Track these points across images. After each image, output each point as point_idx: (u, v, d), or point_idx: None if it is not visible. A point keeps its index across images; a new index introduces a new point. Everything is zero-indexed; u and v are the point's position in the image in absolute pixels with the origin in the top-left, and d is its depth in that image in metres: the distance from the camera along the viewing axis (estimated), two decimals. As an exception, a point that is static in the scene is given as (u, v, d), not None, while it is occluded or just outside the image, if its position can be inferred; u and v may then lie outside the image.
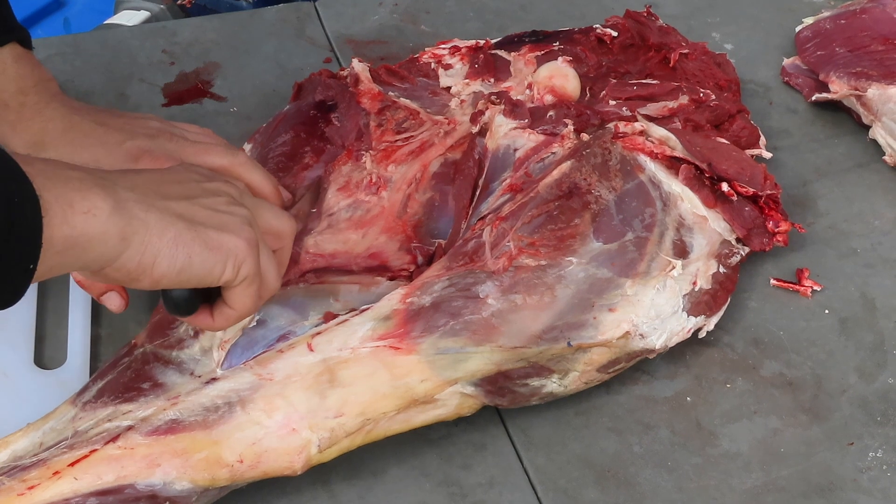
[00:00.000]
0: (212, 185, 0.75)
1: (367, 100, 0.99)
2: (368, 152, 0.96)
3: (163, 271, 0.69)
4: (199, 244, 0.70)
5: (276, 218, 0.78)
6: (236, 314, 0.75)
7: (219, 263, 0.71)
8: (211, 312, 0.76)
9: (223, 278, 0.72)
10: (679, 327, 0.88)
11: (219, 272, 0.71)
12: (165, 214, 0.69)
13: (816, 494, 0.84)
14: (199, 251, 0.70)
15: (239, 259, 0.72)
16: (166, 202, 0.70)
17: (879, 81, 1.06)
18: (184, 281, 0.71)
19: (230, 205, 0.74)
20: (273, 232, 0.78)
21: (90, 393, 0.79)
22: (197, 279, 0.71)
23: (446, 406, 0.83)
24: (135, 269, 0.68)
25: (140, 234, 0.68)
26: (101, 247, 0.66)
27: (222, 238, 0.71)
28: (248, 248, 0.73)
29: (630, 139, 0.92)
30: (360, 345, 0.81)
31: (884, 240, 1.02)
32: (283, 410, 0.78)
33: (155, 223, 0.68)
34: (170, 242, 0.69)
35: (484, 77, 1.05)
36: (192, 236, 0.70)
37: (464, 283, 0.84)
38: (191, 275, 0.70)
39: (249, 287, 0.74)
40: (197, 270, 0.70)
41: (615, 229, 0.87)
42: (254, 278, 0.74)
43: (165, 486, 0.75)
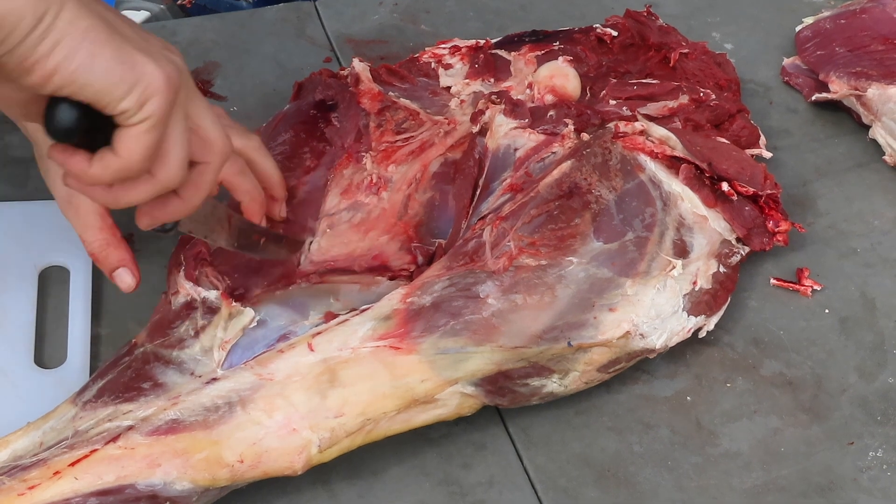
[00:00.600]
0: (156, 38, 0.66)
1: (368, 100, 0.99)
2: (368, 153, 0.96)
3: (57, 62, 0.59)
4: (109, 49, 0.60)
5: (213, 124, 0.67)
6: (119, 163, 0.63)
7: (124, 83, 0.61)
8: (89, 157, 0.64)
9: (123, 104, 0.61)
10: (679, 327, 0.88)
11: (120, 94, 0.61)
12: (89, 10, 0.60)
13: (816, 494, 0.84)
14: (107, 56, 0.60)
15: (150, 89, 0.61)
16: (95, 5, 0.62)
17: (879, 81, 1.06)
18: (77, 87, 0.60)
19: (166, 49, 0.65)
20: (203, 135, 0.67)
21: (90, 392, 0.79)
22: (93, 91, 0.60)
23: (447, 406, 0.83)
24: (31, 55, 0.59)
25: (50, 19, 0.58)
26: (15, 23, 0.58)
27: (139, 57, 0.61)
28: (166, 83, 0.62)
29: (630, 139, 0.92)
30: (361, 345, 0.81)
31: (884, 239, 1.02)
32: (284, 410, 0.78)
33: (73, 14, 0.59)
34: (78, 32, 0.59)
35: (484, 77, 1.05)
36: (107, 38, 0.60)
37: (464, 282, 0.84)
38: (87, 81, 0.60)
39: (148, 133, 0.62)
40: (97, 78, 0.60)
41: (615, 229, 0.87)
42: (157, 125, 0.62)
43: (166, 486, 0.75)
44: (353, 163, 0.96)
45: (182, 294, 0.84)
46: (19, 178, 1.02)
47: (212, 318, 0.82)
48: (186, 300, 0.84)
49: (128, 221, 0.99)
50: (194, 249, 0.86)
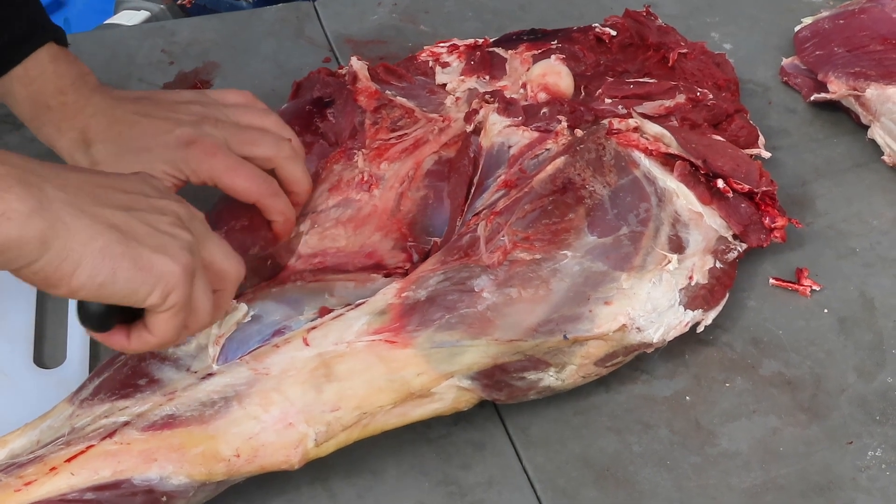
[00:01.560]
0: (160, 203, 0.71)
1: (364, 98, 0.99)
2: (361, 151, 0.96)
3: (82, 282, 0.65)
4: (127, 260, 0.66)
5: (224, 257, 0.73)
6: (155, 341, 0.71)
7: (146, 285, 0.67)
8: (128, 333, 0.71)
9: (148, 301, 0.68)
10: (676, 321, 0.88)
11: (144, 294, 0.67)
12: (96, 222, 0.65)
13: (815, 493, 0.84)
14: (126, 268, 0.66)
15: (169, 285, 0.67)
16: (101, 209, 0.66)
17: (878, 81, 1.06)
18: (104, 296, 0.66)
19: (174, 226, 0.70)
20: (217, 270, 0.73)
21: (87, 391, 0.79)
22: (119, 297, 0.67)
23: (443, 400, 0.83)
24: (53, 274, 0.64)
25: (62, 239, 0.64)
26: (17, 250, 0.63)
27: (155, 259, 0.67)
28: (182, 274, 0.68)
29: (624, 136, 0.92)
30: (356, 339, 0.81)
31: (882, 239, 1.02)
32: (280, 405, 0.78)
33: (82, 229, 0.64)
34: (95, 253, 0.65)
35: (479, 74, 1.05)
36: (122, 251, 0.66)
37: (459, 276, 0.84)
38: (113, 291, 0.66)
39: (175, 317, 0.69)
40: (120, 288, 0.66)
41: (610, 223, 0.87)
42: (181, 308, 0.69)
43: (162, 480, 0.75)
44: (345, 159, 0.96)
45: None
46: (18, 178, 1.02)
47: (206, 314, 0.82)
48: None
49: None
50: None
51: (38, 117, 0.92)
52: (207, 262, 0.72)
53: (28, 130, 1.06)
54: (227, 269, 0.74)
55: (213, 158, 0.86)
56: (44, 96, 0.91)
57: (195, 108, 0.90)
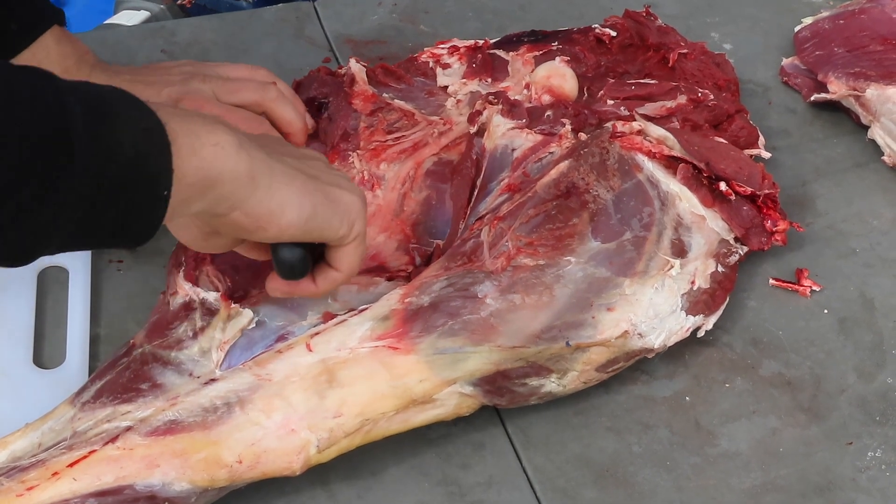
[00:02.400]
0: (307, 151, 0.76)
1: (360, 101, 0.99)
2: (356, 152, 0.96)
3: (291, 220, 0.68)
4: (321, 196, 0.70)
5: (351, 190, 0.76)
6: (342, 276, 0.75)
7: (336, 217, 0.71)
8: (313, 278, 0.76)
9: (341, 232, 0.72)
10: (678, 326, 0.88)
11: (337, 226, 0.71)
12: (286, 166, 0.69)
13: (815, 494, 0.84)
14: (322, 202, 0.70)
15: (353, 215, 0.72)
16: (283, 159, 0.70)
17: (878, 82, 1.06)
18: (309, 232, 0.70)
19: (329, 167, 0.74)
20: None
21: (89, 393, 0.79)
22: (319, 231, 0.71)
23: (445, 406, 0.83)
24: (265, 214, 0.67)
25: (267, 178, 0.67)
26: (231, 184, 0.65)
27: (338, 193, 0.71)
28: (361, 205, 0.73)
29: (628, 138, 0.92)
30: (359, 345, 0.81)
31: (882, 240, 1.02)
32: (282, 411, 0.78)
33: (280, 171, 0.68)
34: (297, 191, 0.68)
35: (481, 77, 1.05)
36: (315, 187, 0.70)
37: (462, 282, 0.84)
38: (314, 226, 0.70)
39: (359, 246, 0.74)
40: (320, 222, 0.70)
41: (613, 229, 0.87)
42: (363, 237, 0.74)
43: (164, 486, 0.75)
44: (339, 160, 0.96)
45: (181, 295, 0.84)
46: (18, 179, 1.02)
47: (210, 320, 0.82)
48: (185, 301, 0.84)
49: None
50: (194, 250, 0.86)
51: None
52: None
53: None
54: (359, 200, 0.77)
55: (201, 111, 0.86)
56: None
57: (185, 69, 0.93)
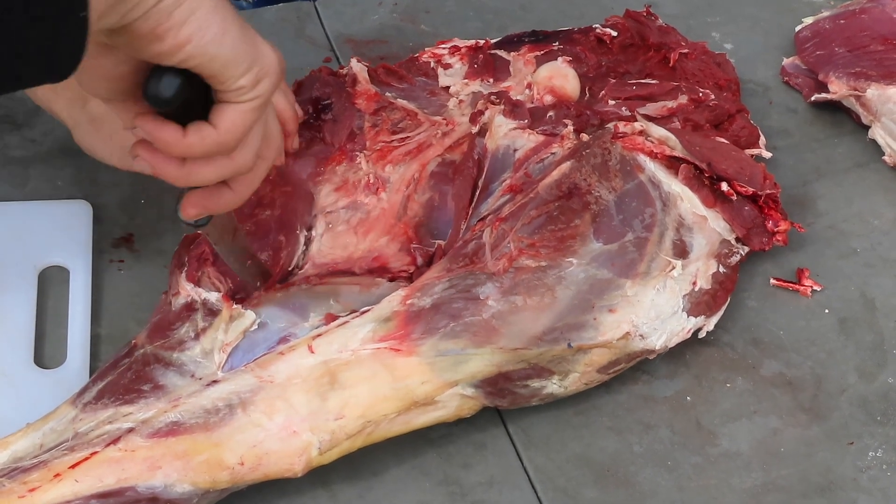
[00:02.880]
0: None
1: (363, 101, 0.99)
2: (363, 153, 0.96)
3: (190, 33, 0.61)
4: (237, 27, 0.62)
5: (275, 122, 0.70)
6: (216, 137, 0.65)
7: (245, 60, 0.63)
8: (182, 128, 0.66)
9: (239, 81, 0.63)
10: (679, 327, 0.88)
11: (241, 70, 0.63)
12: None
13: (816, 494, 0.84)
14: (234, 33, 0.62)
15: (263, 70, 0.64)
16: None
17: (879, 82, 1.06)
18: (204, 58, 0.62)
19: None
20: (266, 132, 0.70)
21: (90, 394, 0.79)
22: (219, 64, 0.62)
23: (446, 408, 0.83)
24: (164, 21, 0.60)
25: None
26: None
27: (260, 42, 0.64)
28: (278, 66, 0.65)
29: (630, 139, 0.92)
30: (361, 347, 0.81)
31: (883, 239, 1.02)
32: (284, 412, 0.78)
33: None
34: (210, 10, 0.61)
35: (483, 77, 1.05)
36: (233, 16, 0.62)
37: (464, 284, 0.84)
38: (215, 54, 0.62)
39: (253, 112, 0.65)
40: (225, 52, 0.62)
41: (615, 230, 0.87)
42: (262, 105, 0.65)
43: (166, 488, 0.75)
44: (347, 161, 0.96)
45: (183, 295, 0.84)
46: (19, 178, 1.02)
47: (212, 321, 0.82)
48: (187, 301, 0.84)
49: (126, 222, 1.00)
50: (198, 250, 0.86)
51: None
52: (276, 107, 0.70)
53: (28, 130, 1.07)
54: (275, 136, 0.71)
55: None
56: None
57: None
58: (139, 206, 1.01)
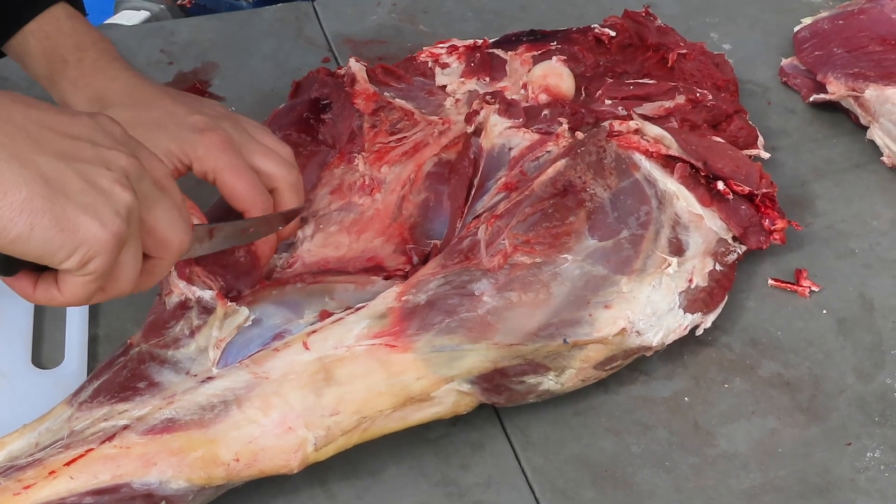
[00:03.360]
0: (108, 154, 0.64)
1: (362, 101, 0.99)
2: (360, 154, 0.96)
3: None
4: (49, 218, 0.60)
5: (170, 225, 0.67)
6: (62, 300, 0.65)
7: (65, 248, 0.61)
8: (35, 282, 0.66)
9: (65, 265, 0.62)
10: (676, 324, 0.88)
11: (62, 257, 0.62)
12: (26, 170, 0.60)
13: (814, 494, 0.84)
14: (45, 226, 0.60)
15: (91, 251, 0.62)
16: (36, 156, 0.61)
17: (877, 82, 1.06)
18: (17, 252, 0.61)
19: (115, 184, 0.63)
20: (159, 237, 0.67)
21: (86, 393, 0.79)
22: (33, 255, 0.61)
23: (443, 404, 0.83)
24: None
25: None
26: None
27: (82, 220, 0.62)
28: (110, 242, 0.63)
29: (625, 138, 0.92)
30: (356, 343, 0.81)
31: (882, 240, 1.02)
32: (280, 409, 0.78)
33: (7, 177, 0.60)
34: (13, 204, 0.59)
35: (479, 76, 1.05)
36: (45, 207, 0.60)
37: (459, 280, 0.84)
38: (26, 248, 0.61)
39: (90, 283, 0.64)
40: (35, 246, 0.61)
41: (610, 227, 0.87)
42: (100, 276, 0.64)
43: (161, 484, 0.75)
44: (345, 163, 0.96)
45: (176, 294, 0.84)
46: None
47: (207, 318, 0.82)
48: (180, 300, 0.84)
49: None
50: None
51: (54, 73, 0.92)
52: (149, 228, 0.67)
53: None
54: (169, 239, 0.68)
55: (222, 153, 0.83)
56: (61, 51, 0.91)
57: (218, 108, 0.89)
58: (137, 206, 1.01)
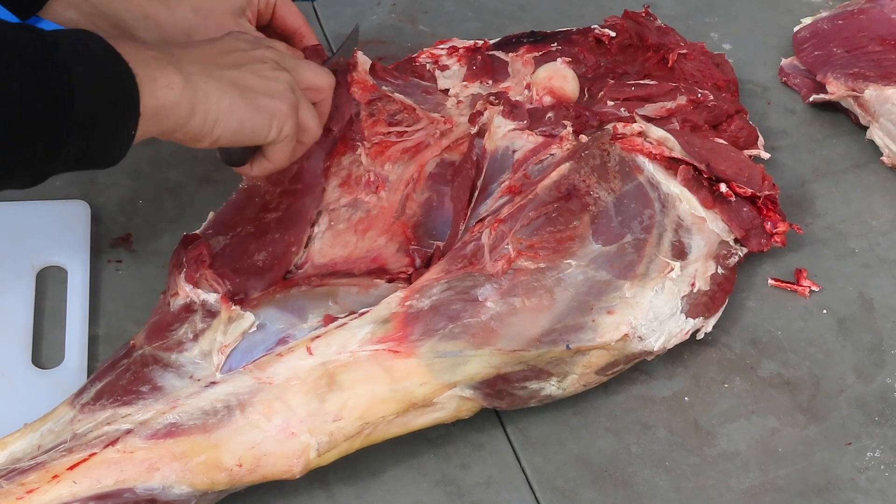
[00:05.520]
0: (258, 52, 0.86)
1: (359, 90, 0.99)
2: (363, 143, 0.96)
3: (220, 132, 0.81)
4: (250, 110, 0.82)
5: (315, 75, 0.89)
6: (273, 166, 0.87)
7: (265, 126, 0.83)
8: (251, 162, 0.88)
9: (269, 138, 0.84)
10: (677, 329, 0.88)
11: (265, 133, 0.83)
12: (222, 83, 0.81)
13: (814, 494, 0.84)
14: (249, 116, 0.82)
15: (281, 120, 0.83)
16: (222, 72, 0.81)
17: (877, 82, 1.06)
18: (238, 141, 0.83)
19: (274, 70, 0.85)
20: (313, 87, 0.89)
21: (88, 395, 0.79)
22: (247, 139, 0.83)
23: (445, 409, 0.83)
24: (199, 132, 0.80)
25: (203, 103, 0.79)
26: (176, 114, 0.78)
27: (268, 103, 0.83)
28: (290, 110, 0.84)
29: (628, 140, 0.92)
30: (360, 348, 0.81)
31: (881, 240, 1.02)
32: (283, 414, 0.78)
33: (214, 92, 0.80)
34: (226, 109, 0.80)
35: (482, 79, 1.05)
36: (245, 103, 0.81)
37: (462, 285, 0.84)
38: (242, 136, 0.82)
39: (288, 144, 0.85)
40: (248, 132, 0.82)
41: (614, 231, 0.87)
42: (292, 137, 0.85)
43: (164, 490, 0.75)
44: (350, 151, 0.96)
45: (181, 296, 0.84)
46: (17, 179, 1.02)
47: (211, 322, 0.82)
48: (185, 303, 0.84)
49: (125, 222, 0.99)
50: (196, 251, 0.86)
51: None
52: (306, 86, 0.88)
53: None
54: (321, 84, 0.89)
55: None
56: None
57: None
58: (137, 206, 1.01)
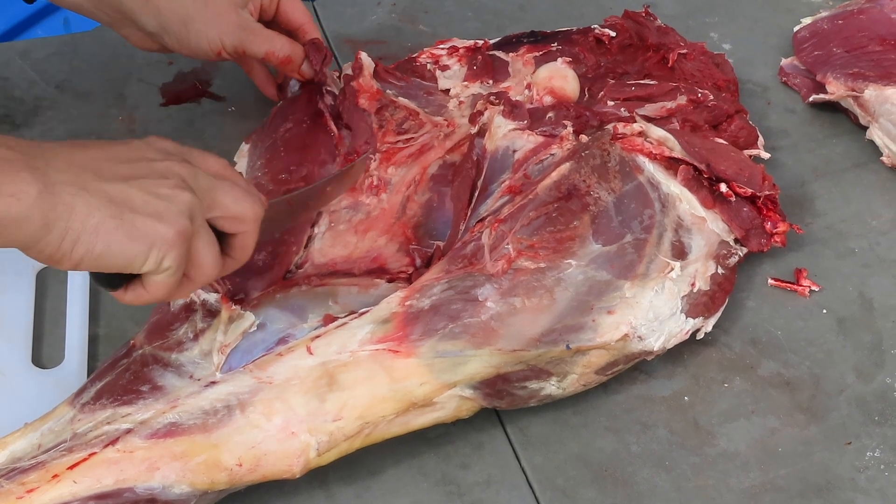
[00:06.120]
0: (162, 165, 0.74)
1: (366, 99, 0.99)
2: (376, 154, 0.96)
3: (81, 255, 0.69)
4: (121, 233, 0.70)
5: (235, 202, 0.76)
6: (149, 297, 0.74)
7: (140, 253, 0.71)
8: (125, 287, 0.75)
9: (144, 268, 0.71)
10: (677, 329, 0.88)
11: (139, 262, 0.71)
12: (95, 198, 0.69)
13: (814, 494, 0.84)
14: (119, 240, 0.70)
15: (162, 250, 0.71)
16: (101, 184, 0.70)
17: (876, 82, 1.06)
18: (104, 267, 0.71)
19: (175, 189, 0.73)
20: (231, 216, 0.76)
21: (88, 394, 0.79)
22: (117, 266, 0.71)
23: (445, 409, 0.83)
24: (55, 252, 0.69)
25: (63, 221, 0.68)
26: (25, 229, 0.67)
27: (150, 226, 0.71)
28: (177, 238, 0.72)
29: (629, 140, 0.92)
30: (360, 348, 0.81)
31: (881, 240, 1.02)
32: (283, 414, 0.78)
33: (81, 208, 0.68)
34: (91, 229, 0.69)
35: (482, 79, 1.05)
36: (116, 224, 0.70)
37: (463, 285, 0.84)
38: (110, 262, 0.70)
39: (169, 278, 0.73)
40: (116, 258, 0.70)
41: (614, 231, 0.88)
42: (175, 270, 0.73)
43: (164, 489, 0.75)
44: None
45: (181, 296, 0.84)
46: (17, 179, 1.02)
47: (211, 322, 0.83)
48: (185, 302, 0.84)
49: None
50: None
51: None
52: (222, 214, 0.75)
53: (27, 130, 1.07)
54: (240, 213, 0.76)
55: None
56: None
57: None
58: (138, 205, 1.00)
